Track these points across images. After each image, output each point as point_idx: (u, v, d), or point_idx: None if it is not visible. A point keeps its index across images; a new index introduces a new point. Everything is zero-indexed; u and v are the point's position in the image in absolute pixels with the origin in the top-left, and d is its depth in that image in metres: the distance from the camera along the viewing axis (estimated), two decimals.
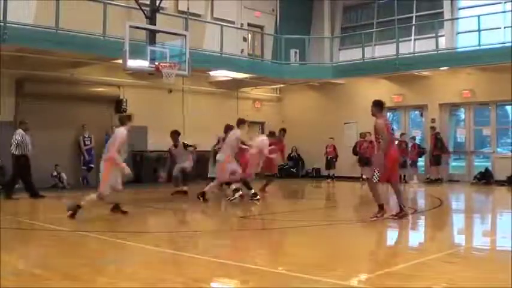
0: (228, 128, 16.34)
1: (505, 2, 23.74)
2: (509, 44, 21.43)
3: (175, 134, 18.36)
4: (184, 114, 23.08)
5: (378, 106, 11.99)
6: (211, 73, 24.57)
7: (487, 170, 23.44)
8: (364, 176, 23.95)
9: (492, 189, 21.42)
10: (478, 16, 23.23)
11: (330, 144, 26.56)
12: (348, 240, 9.68)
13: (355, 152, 25.31)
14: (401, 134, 25.18)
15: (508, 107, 25.00)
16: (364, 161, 24.50)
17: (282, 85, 28.69)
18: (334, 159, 26.36)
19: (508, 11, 23.21)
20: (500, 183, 22.14)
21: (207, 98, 25.44)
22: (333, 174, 26.12)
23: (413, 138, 25.10)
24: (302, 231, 10.83)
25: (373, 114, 11.88)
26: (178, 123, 22.64)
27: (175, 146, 18.20)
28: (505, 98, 22.64)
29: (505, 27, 23.02)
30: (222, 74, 24.89)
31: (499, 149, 24.34)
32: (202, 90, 25.30)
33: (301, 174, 29.01)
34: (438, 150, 24.03)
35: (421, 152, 24.75)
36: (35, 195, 16.73)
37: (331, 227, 11.70)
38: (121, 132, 12.33)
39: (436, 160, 24.17)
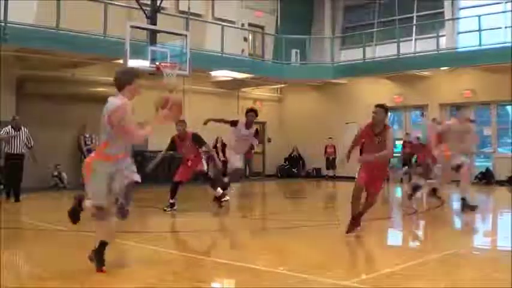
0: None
1: (506, 2, 23.75)
2: (510, 44, 21.43)
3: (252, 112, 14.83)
4: (184, 114, 23.01)
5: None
6: (212, 73, 24.60)
7: (487, 170, 23.43)
8: None
9: (493, 189, 21.42)
10: (479, 16, 23.25)
11: (330, 145, 26.67)
12: (349, 240, 9.67)
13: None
14: (405, 134, 25.20)
15: (509, 107, 24.99)
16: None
17: (282, 85, 28.69)
18: (335, 159, 26.46)
19: (509, 11, 23.22)
20: (501, 183, 22.15)
21: (208, 98, 25.44)
22: (334, 174, 26.21)
23: (419, 138, 25.04)
24: (302, 231, 10.83)
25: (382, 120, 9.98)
26: None
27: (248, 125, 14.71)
28: (506, 98, 22.65)
29: (505, 27, 23.03)
30: (223, 74, 24.91)
31: (499, 149, 24.33)
32: (203, 90, 25.28)
33: (302, 174, 29.01)
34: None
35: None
36: (9, 196, 15.97)
37: (332, 227, 11.69)
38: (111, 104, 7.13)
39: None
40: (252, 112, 14.75)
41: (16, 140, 15.75)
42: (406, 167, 24.10)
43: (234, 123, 14.73)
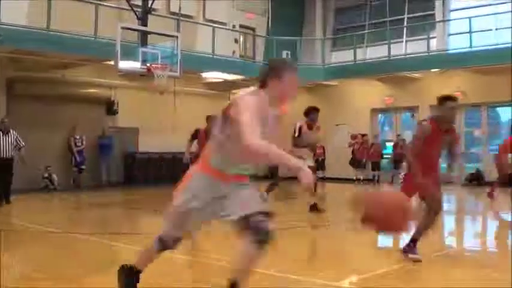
0: None
1: (497, 4, 23.83)
2: (501, 46, 21.51)
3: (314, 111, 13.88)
4: (175, 116, 23.02)
5: None
6: (203, 74, 24.58)
7: (477, 171, 23.49)
8: (360, 177, 24.50)
9: (483, 190, 21.46)
10: (470, 18, 23.34)
11: (319, 146, 26.70)
12: (340, 242, 9.70)
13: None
14: (398, 135, 25.25)
15: (499, 109, 25.06)
16: (357, 163, 24.83)
17: None
18: (324, 160, 26.55)
19: (500, 13, 23.30)
20: (491, 184, 22.20)
21: (199, 100, 25.39)
22: (324, 176, 26.24)
23: (403, 139, 25.05)
24: (293, 232, 10.82)
25: None
26: (170, 124, 22.64)
27: (311, 127, 13.57)
28: (496, 99, 22.73)
29: (496, 29, 23.10)
30: (213, 76, 24.88)
31: (490, 151, 24.34)
32: (194, 92, 25.27)
33: (293, 175, 28.92)
34: None
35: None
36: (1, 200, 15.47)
37: (325, 228, 11.70)
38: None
39: None
40: (315, 111, 13.84)
41: (4, 144, 15.43)
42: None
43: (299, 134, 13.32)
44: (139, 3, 18.65)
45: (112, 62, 17.41)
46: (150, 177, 23.18)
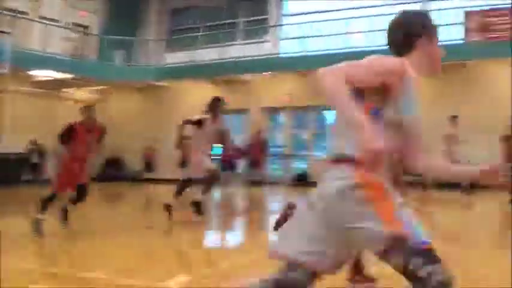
0: None
1: (331, 11, 24.86)
2: (332, 52, 22.48)
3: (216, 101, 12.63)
4: (1, 116, 22.18)
5: None
6: (33, 72, 23.85)
7: (304, 172, 24.29)
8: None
9: (308, 189, 22.23)
10: (301, 23, 24.26)
11: (150, 147, 26.78)
12: (177, 242, 9.75)
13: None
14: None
15: (326, 112, 25.99)
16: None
17: (105, 86, 28.30)
18: (152, 162, 26.68)
19: (334, 20, 24.31)
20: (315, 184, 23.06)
21: (26, 98, 24.56)
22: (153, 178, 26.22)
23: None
24: (119, 235, 10.72)
25: None
26: None
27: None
28: (324, 103, 23.63)
29: (329, 36, 24.06)
30: (43, 74, 24.21)
31: (317, 153, 25.13)
32: (21, 91, 24.40)
33: (122, 177, 28.34)
34: (262, 153, 24.38)
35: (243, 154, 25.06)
36: None
37: (149, 230, 11.62)
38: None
39: (259, 162, 24.46)
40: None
41: None
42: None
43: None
44: None
45: None
46: None
